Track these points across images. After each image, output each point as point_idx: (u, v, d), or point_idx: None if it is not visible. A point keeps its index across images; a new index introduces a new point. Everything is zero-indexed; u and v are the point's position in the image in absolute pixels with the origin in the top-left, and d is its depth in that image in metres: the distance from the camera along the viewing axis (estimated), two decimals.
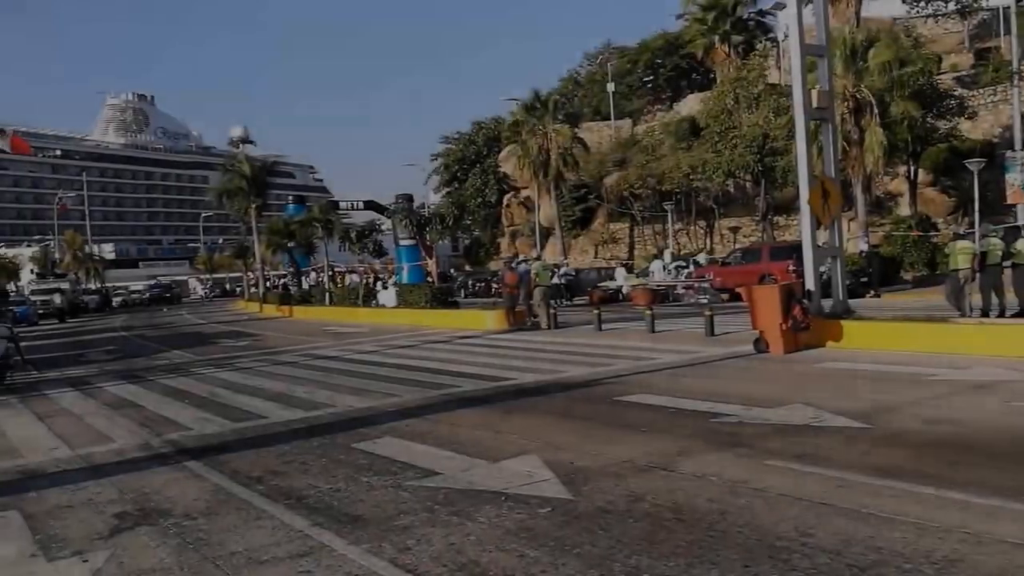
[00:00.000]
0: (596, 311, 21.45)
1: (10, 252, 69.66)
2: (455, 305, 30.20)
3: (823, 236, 17.07)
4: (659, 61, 68.36)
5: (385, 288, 34.28)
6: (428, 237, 35.99)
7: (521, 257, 33.26)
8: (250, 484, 7.61)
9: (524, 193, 58.30)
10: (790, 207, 41.32)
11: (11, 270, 61.16)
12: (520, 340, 19.81)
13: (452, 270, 54.45)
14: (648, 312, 19.91)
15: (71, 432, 11.14)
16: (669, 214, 45.93)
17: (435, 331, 24.13)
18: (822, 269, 16.44)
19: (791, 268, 23.91)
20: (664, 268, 35.28)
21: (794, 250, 25.99)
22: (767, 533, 5.46)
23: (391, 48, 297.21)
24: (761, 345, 14.43)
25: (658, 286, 32.32)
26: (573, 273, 37.70)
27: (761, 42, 53.87)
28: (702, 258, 36.38)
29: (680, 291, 31.91)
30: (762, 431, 8.49)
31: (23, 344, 18.46)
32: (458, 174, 66.31)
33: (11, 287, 57.18)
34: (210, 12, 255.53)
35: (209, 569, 5.47)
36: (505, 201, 63.40)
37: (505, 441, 8.75)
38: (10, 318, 20.87)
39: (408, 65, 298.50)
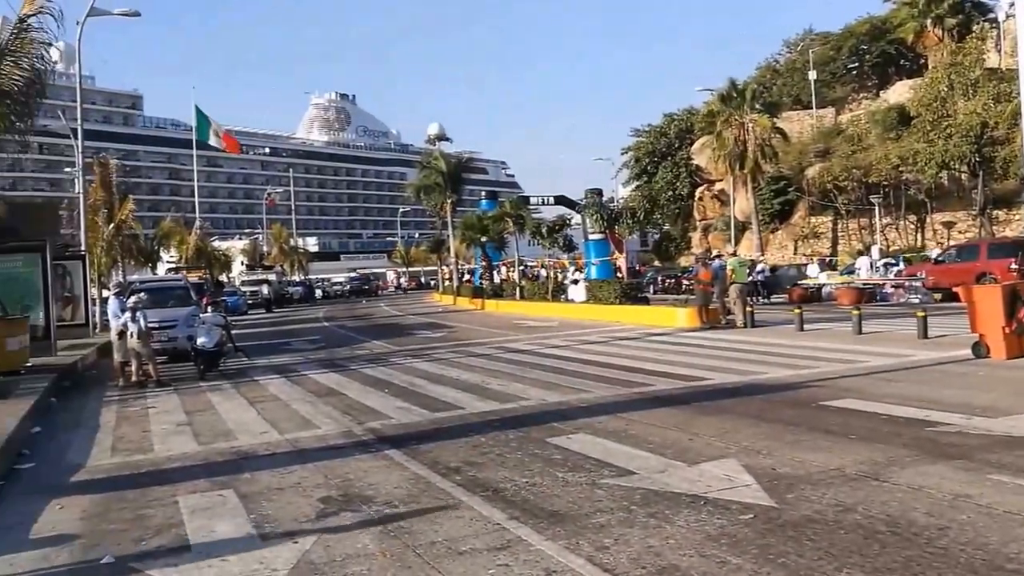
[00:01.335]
0: (797, 310, 20.60)
1: (223, 245, 75.43)
2: (645, 301, 29.91)
3: None
4: (864, 47, 64.79)
5: (575, 283, 34.45)
6: (618, 231, 35.80)
7: (715, 252, 32.49)
8: (448, 474, 7.85)
9: (718, 186, 56.98)
10: (1012, 200, 38.10)
11: (223, 262, 66.26)
12: (714, 339, 19.36)
13: (638, 266, 54.00)
14: (855, 312, 18.93)
15: (279, 417, 11.93)
16: (876, 208, 43.49)
17: (625, 327, 24.01)
18: None
19: (1013, 266, 22.15)
20: (871, 265, 33.46)
21: (1017, 247, 24.00)
22: (995, 554, 5.05)
23: (579, 43, 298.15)
24: (981, 349, 13.39)
25: (864, 284, 30.66)
26: (770, 270, 36.44)
27: (979, 23, 49.94)
28: (922, 254, 34.20)
29: (888, 290, 30.14)
30: (984, 442, 7.88)
31: (234, 332, 19.91)
32: (648, 167, 65.72)
33: (223, 278, 61.91)
34: (411, 14, 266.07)
35: (410, 557, 5.67)
36: (697, 194, 62.20)
37: (702, 443, 8.57)
38: (223, 307, 22.61)
39: (598, 58, 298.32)
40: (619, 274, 35.62)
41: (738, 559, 5.24)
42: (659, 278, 46.06)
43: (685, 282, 38.07)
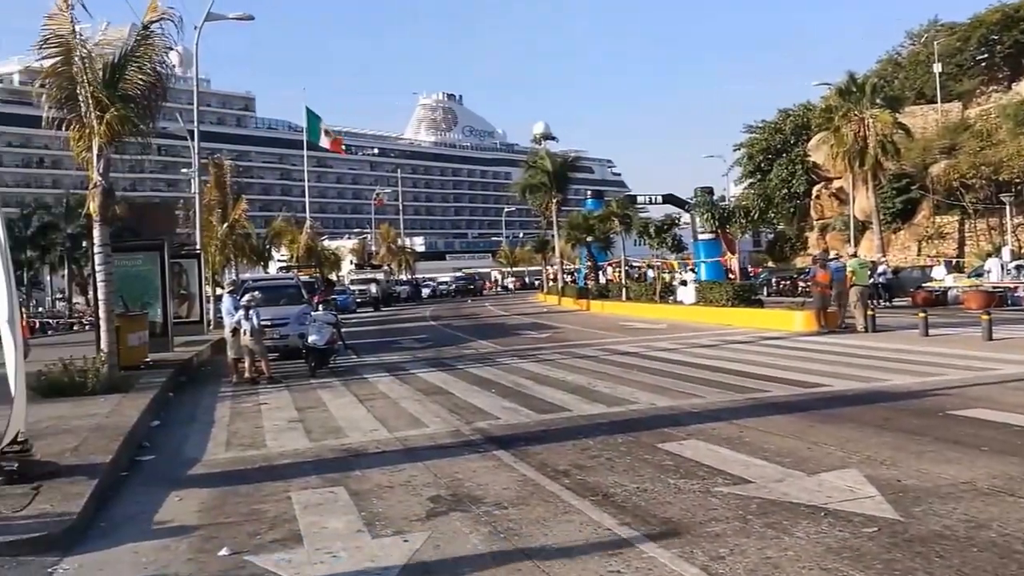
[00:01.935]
0: (922, 314, 19.78)
1: (333, 244, 77.52)
2: (759, 304, 29.23)
3: None
4: (995, 37, 61.61)
5: (684, 284, 33.96)
6: (730, 231, 35.06)
7: (833, 253, 31.48)
8: (557, 477, 7.86)
9: (836, 184, 55.14)
10: None
11: (333, 261, 68.05)
12: (832, 344, 18.78)
13: (750, 267, 52.83)
14: (984, 316, 18.04)
15: (388, 415, 12.17)
16: (1008, 207, 41.32)
17: (737, 331, 23.53)
18: None
19: None
20: (1002, 268, 31.79)
21: None
22: None
23: (685, 36, 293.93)
24: None
25: (995, 288, 29.19)
26: (893, 271, 35.09)
27: None
28: None
29: (1020, 294, 28.60)
30: None
31: (344, 330, 20.39)
32: (762, 164, 64.19)
33: (333, 277, 63.55)
34: (517, 11, 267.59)
35: (520, 559, 5.69)
36: (814, 192, 60.39)
37: (821, 452, 8.32)
38: (334, 306, 23.22)
39: (706, 54, 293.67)
40: (731, 275, 34.92)
41: (861, 574, 5.08)
42: (773, 279, 44.92)
43: (801, 284, 37.03)
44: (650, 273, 46.50)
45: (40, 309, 62.68)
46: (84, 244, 54.30)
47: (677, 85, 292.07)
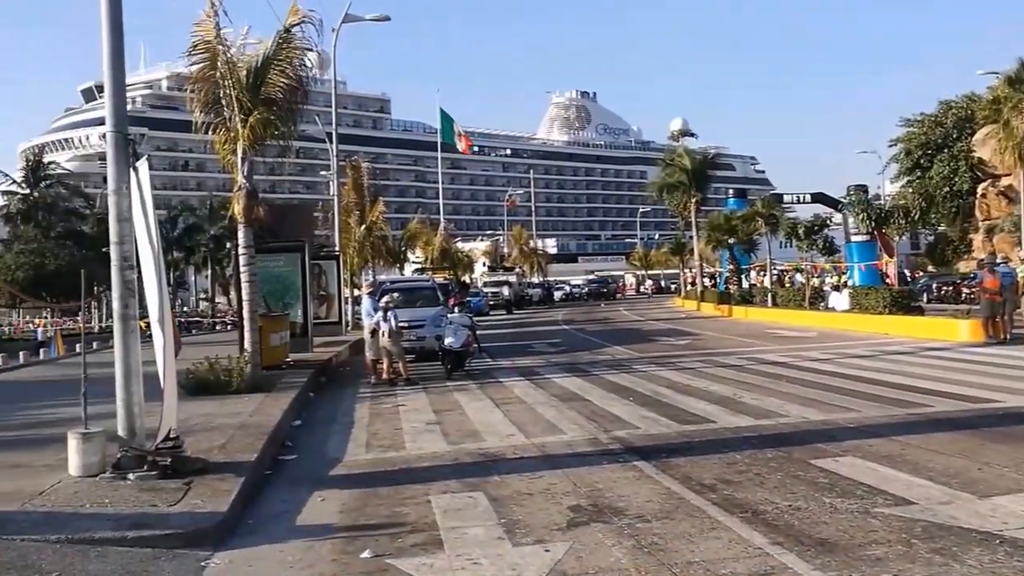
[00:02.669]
0: None
1: (466, 246, 78.88)
2: (919, 311, 27.95)
3: None
4: None
5: (836, 289, 32.84)
6: (887, 232, 33.70)
7: (1001, 257, 29.77)
8: (703, 491, 7.74)
9: (1005, 181, 51.98)
10: None
11: (466, 263, 69.24)
12: (1002, 356, 17.77)
13: (908, 271, 50.60)
14: None
15: (524, 420, 12.28)
16: None
17: (895, 340, 22.57)
18: None
19: None
20: None
21: None
22: None
23: (834, 25, 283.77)
24: None
25: None
26: None
27: None
28: None
29: None
30: None
31: (477, 333, 20.65)
32: (921, 161, 61.25)
33: (466, 279, 64.63)
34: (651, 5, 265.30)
35: None
36: (980, 191, 57.14)
37: (993, 474, 7.90)
38: (467, 308, 23.56)
39: (857, 39, 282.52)
40: (887, 280, 33.56)
41: None
42: (934, 285, 42.87)
43: (966, 290, 35.19)
44: (798, 277, 45.19)
45: (185, 309, 66.32)
46: (227, 245, 57.21)
47: (826, 77, 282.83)
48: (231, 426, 11.04)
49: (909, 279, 43.62)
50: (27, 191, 57.59)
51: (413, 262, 57.62)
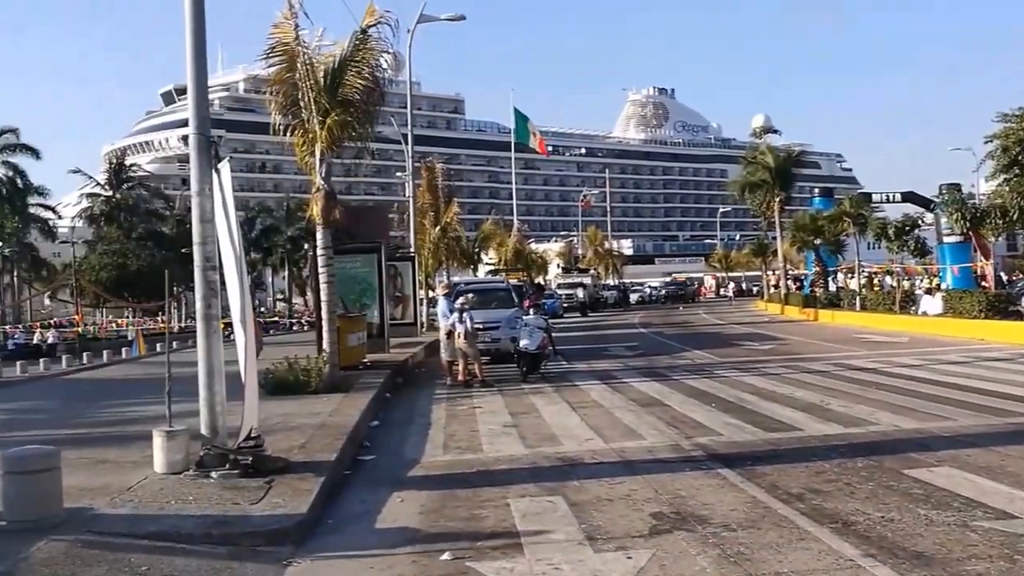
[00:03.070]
0: None
1: (539, 247, 78.95)
2: (1018, 316, 27.02)
3: None
4: None
5: (929, 293, 31.94)
6: (983, 234, 32.57)
7: None
8: (790, 501, 7.63)
9: None
10: None
11: (540, 265, 69.32)
12: None
13: (1006, 274, 48.88)
14: None
15: (602, 424, 12.25)
16: None
17: (992, 347, 21.89)
18: None
19: None
20: None
21: None
22: None
23: (921, 21, 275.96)
24: None
25: None
26: None
27: None
28: None
29: None
30: None
31: (552, 335, 20.66)
32: (1019, 157, 59.19)
33: (540, 281, 64.72)
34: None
35: None
36: None
37: None
38: (542, 311, 23.60)
39: (947, 32, 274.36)
40: (984, 283, 32.50)
41: None
42: None
43: None
44: (888, 280, 44.06)
45: (263, 309, 67.85)
46: (304, 246, 58.35)
47: (915, 70, 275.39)
48: (310, 426, 11.27)
49: (1006, 282, 42.18)
50: (110, 193, 59.64)
51: (486, 263, 57.92)
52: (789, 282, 56.00)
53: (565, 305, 54.20)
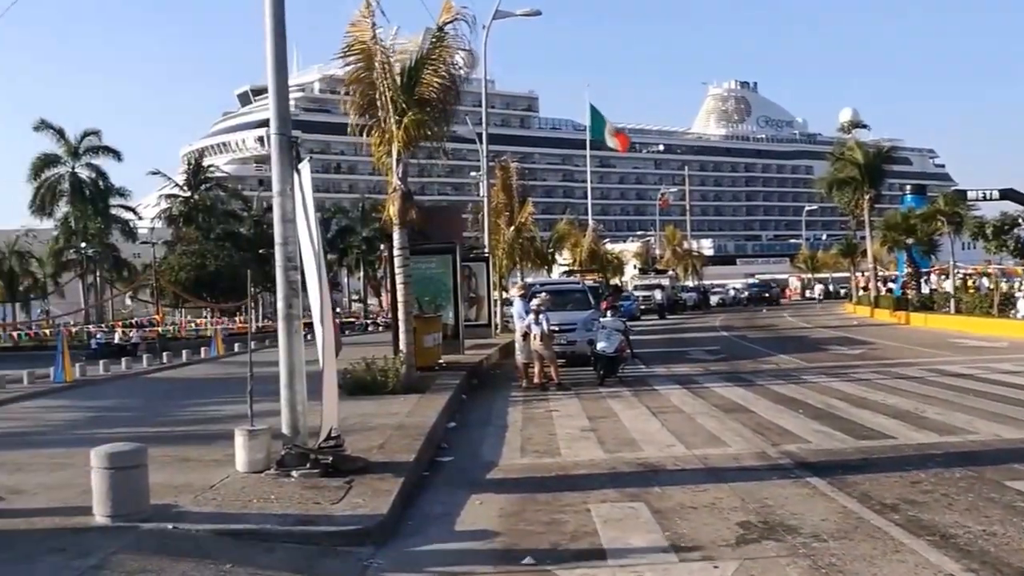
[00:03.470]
0: None
1: (615, 248, 78.46)
2: None
3: None
4: None
5: None
6: None
7: None
8: (883, 511, 7.48)
9: None
10: None
11: (616, 265, 68.89)
12: None
13: None
14: None
15: (684, 430, 12.15)
16: None
17: None
18: None
19: None
20: None
21: None
22: None
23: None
24: None
25: None
26: None
27: None
28: None
29: None
30: None
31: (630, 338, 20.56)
32: None
33: (617, 282, 64.37)
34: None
35: None
36: None
37: None
38: (620, 312, 23.46)
39: None
40: None
41: None
42: None
43: None
44: (985, 282, 42.78)
45: (338, 310, 68.93)
46: (379, 247, 59.05)
47: (1012, 63, 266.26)
48: (388, 426, 11.43)
49: None
50: (188, 194, 61.21)
51: (561, 264, 57.83)
52: (879, 284, 54.72)
53: (642, 307, 53.60)
